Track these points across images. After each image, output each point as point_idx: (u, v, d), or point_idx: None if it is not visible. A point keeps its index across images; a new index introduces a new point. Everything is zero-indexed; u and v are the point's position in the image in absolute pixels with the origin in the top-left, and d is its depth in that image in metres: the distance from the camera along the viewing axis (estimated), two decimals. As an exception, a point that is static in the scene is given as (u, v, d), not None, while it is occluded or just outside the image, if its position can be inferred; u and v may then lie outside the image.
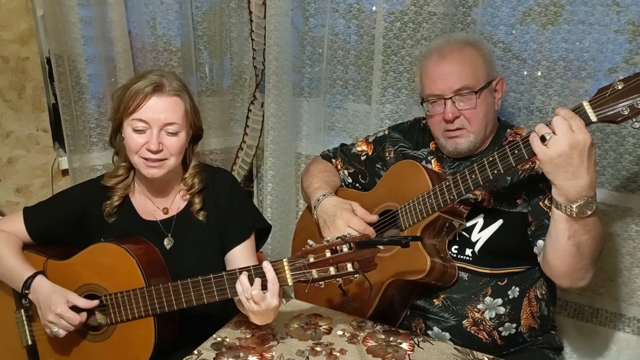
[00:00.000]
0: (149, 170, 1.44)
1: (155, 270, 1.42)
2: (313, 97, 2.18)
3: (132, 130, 1.42)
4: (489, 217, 1.49)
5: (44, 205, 1.59)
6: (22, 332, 1.52)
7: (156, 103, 1.41)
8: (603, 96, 1.14)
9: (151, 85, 1.41)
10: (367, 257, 1.20)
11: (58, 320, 1.37)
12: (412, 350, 1.33)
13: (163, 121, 1.41)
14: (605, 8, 1.56)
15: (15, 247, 1.50)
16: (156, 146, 1.41)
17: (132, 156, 1.45)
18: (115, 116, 1.47)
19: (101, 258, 1.44)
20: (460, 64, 1.47)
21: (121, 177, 1.54)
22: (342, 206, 1.55)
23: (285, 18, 1.99)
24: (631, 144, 1.60)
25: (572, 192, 1.18)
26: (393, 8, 1.82)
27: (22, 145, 2.15)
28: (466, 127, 1.48)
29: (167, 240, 1.53)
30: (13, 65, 2.07)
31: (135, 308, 1.38)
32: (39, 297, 1.42)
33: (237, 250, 1.53)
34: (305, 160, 2.21)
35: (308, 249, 1.24)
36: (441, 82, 1.47)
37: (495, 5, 1.71)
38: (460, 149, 1.51)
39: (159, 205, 1.56)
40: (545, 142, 1.16)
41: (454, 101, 1.46)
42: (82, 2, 2.01)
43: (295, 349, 1.34)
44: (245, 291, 1.26)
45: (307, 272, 1.23)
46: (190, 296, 1.33)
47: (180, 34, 2.20)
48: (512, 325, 1.47)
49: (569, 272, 1.33)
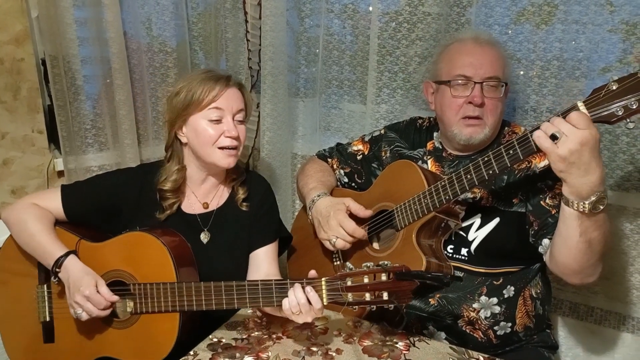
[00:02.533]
0: (227, 160, 1.50)
1: (186, 265, 1.43)
2: (309, 98, 2.18)
3: (207, 122, 1.49)
4: (486, 216, 1.49)
5: (83, 185, 1.61)
6: (42, 307, 1.53)
7: (229, 93, 1.51)
8: (597, 96, 1.14)
9: (222, 78, 1.50)
10: (404, 288, 1.21)
11: (85, 302, 1.38)
12: (407, 349, 1.33)
13: (236, 108, 1.51)
14: (599, 8, 1.56)
15: (48, 224, 1.50)
16: (236, 132, 1.48)
17: (207, 149, 1.49)
18: (182, 115, 1.50)
19: (135, 246, 1.45)
20: (496, 55, 1.50)
21: (179, 182, 1.56)
22: (336, 207, 1.55)
23: (280, 18, 1.99)
24: (625, 143, 1.60)
25: (585, 189, 1.17)
26: (388, 8, 1.83)
27: (18, 147, 2.15)
28: (484, 118, 1.48)
29: (203, 234, 1.56)
30: (8, 67, 2.07)
31: (163, 302, 1.38)
32: (69, 277, 1.42)
33: (261, 252, 1.58)
34: (301, 160, 2.21)
35: (347, 272, 1.26)
36: (477, 65, 1.47)
37: (490, 5, 1.71)
38: (473, 140, 1.49)
39: (201, 199, 1.60)
40: (556, 141, 1.15)
41: (482, 87, 1.46)
42: (77, 3, 2.01)
43: (291, 349, 1.34)
44: (294, 306, 1.27)
45: (344, 294, 1.24)
46: (221, 299, 1.34)
47: (176, 35, 2.21)
48: (508, 324, 1.47)
49: (580, 270, 1.32)
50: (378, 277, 1.22)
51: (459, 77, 1.48)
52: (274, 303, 1.31)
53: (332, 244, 1.53)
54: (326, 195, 1.63)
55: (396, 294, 1.21)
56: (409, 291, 1.22)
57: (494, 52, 1.50)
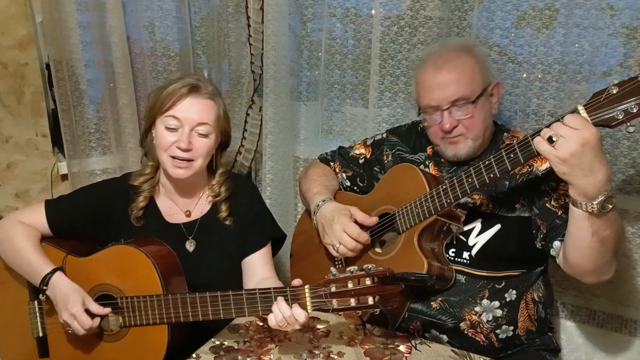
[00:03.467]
0: (175, 170, 1.48)
1: (173, 275, 1.43)
2: (311, 101, 2.19)
3: (164, 128, 1.47)
4: (486, 222, 1.49)
5: (66, 199, 1.61)
6: (34, 323, 1.53)
7: (191, 103, 1.47)
8: (598, 100, 1.14)
9: (187, 86, 1.47)
10: (389, 292, 1.20)
11: (72, 321, 1.38)
12: (409, 352, 1.34)
13: (196, 121, 1.46)
14: (600, 12, 1.56)
15: (34, 241, 1.51)
16: (186, 144, 1.45)
17: (162, 154, 1.48)
18: (149, 114, 1.51)
19: (120, 259, 1.45)
20: (456, 74, 1.46)
21: (148, 176, 1.56)
22: (341, 212, 1.56)
23: (282, 23, 2.00)
24: (626, 147, 1.61)
25: (592, 189, 1.16)
26: (390, 12, 1.83)
27: (21, 151, 2.16)
28: (464, 134, 1.48)
29: (188, 243, 1.56)
30: (12, 71, 2.08)
31: (151, 314, 1.38)
32: (56, 294, 1.42)
33: (255, 257, 1.58)
34: (303, 163, 2.22)
35: (331, 278, 1.24)
36: (437, 94, 1.46)
37: (491, 9, 1.71)
38: (459, 155, 1.51)
39: (182, 207, 1.59)
40: (553, 144, 1.14)
41: (450, 112, 1.46)
42: (80, 8, 2.03)
43: (293, 352, 1.34)
44: (280, 321, 1.26)
45: (328, 301, 1.23)
46: (207, 310, 1.34)
47: (179, 39, 2.22)
48: (510, 328, 1.47)
49: (595, 269, 1.31)
50: (362, 281, 1.20)
51: (427, 108, 1.50)
52: (260, 312, 1.30)
53: (336, 250, 1.53)
54: (331, 200, 1.64)
55: (381, 298, 1.20)
56: (394, 294, 1.20)
57: (456, 68, 1.46)
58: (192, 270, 1.48)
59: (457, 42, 1.61)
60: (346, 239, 1.51)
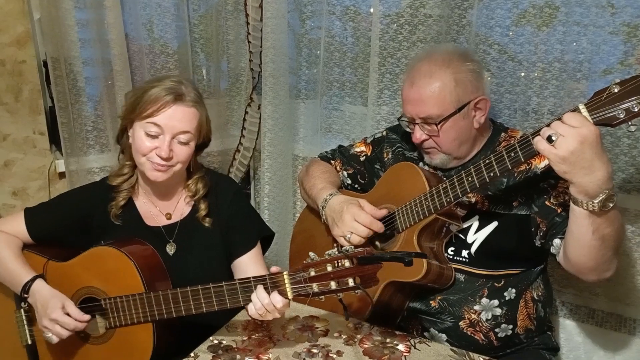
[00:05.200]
0: (153, 173, 1.45)
1: (156, 275, 1.42)
2: (310, 99, 2.18)
3: (144, 133, 1.43)
4: (483, 219, 1.49)
5: (45, 206, 1.60)
6: (22, 331, 1.52)
7: (174, 111, 1.43)
8: (599, 99, 1.13)
9: (172, 94, 1.42)
10: (368, 272, 1.19)
11: (53, 325, 1.38)
12: (408, 351, 1.33)
13: (178, 129, 1.43)
14: (600, 10, 1.56)
15: (15, 250, 1.50)
16: (167, 153, 1.42)
17: (139, 158, 1.46)
18: (128, 116, 1.47)
19: (101, 261, 1.44)
20: (427, 93, 1.45)
21: (126, 176, 1.55)
22: (350, 202, 1.55)
23: (281, 20, 2.00)
24: (626, 145, 1.60)
25: (592, 187, 1.15)
26: (389, 10, 1.83)
27: (19, 148, 2.15)
28: (436, 147, 1.51)
29: (169, 246, 1.54)
30: (10, 69, 2.07)
31: (135, 313, 1.37)
32: (36, 301, 1.42)
33: (245, 259, 1.56)
34: (302, 162, 2.21)
35: (309, 262, 1.23)
36: (410, 108, 1.50)
37: (491, 7, 1.71)
38: (434, 163, 1.55)
39: (162, 210, 1.57)
40: (552, 143, 1.14)
41: (422, 126, 1.49)
42: (78, 5, 2.02)
43: (291, 351, 1.34)
44: (259, 309, 1.26)
45: (308, 286, 1.22)
46: (189, 305, 1.33)
47: (177, 37, 2.21)
48: (509, 327, 1.47)
49: (596, 266, 1.31)
50: (341, 263, 1.20)
51: (404, 116, 1.55)
52: (241, 302, 1.30)
53: (348, 240, 1.51)
54: (338, 193, 1.63)
55: (361, 279, 1.19)
56: (374, 274, 1.20)
57: (427, 87, 1.45)
58: (174, 273, 1.46)
59: (447, 51, 1.53)
60: (358, 227, 1.49)
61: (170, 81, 1.46)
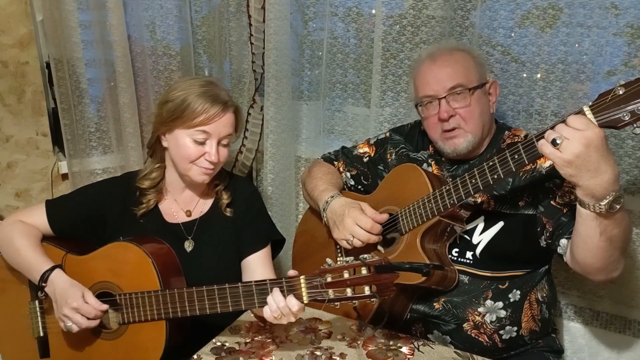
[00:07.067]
0: (201, 177, 1.51)
1: (172, 273, 1.43)
2: (312, 101, 2.18)
3: (190, 140, 1.47)
4: (489, 220, 1.48)
5: (67, 199, 1.62)
6: (35, 323, 1.53)
7: (224, 119, 1.48)
8: (604, 101, 1.12)
9: (219, 102, 1.47)
10: (385, 281, 1.19)
11: (73, 314, 1.38)
12: (412, 354, 1.33)
13: (224, 134, 1.49)
14: (604, 11, 1.56)
15: (34, 240, 1.51)
16: (217, 157, 1.48)
17: (185, 164, 1.49)
18: (168, 124, 1.49)
19: (119, 257, 1.45)
20: (453, 64, 1.49)
21: (157, 179, 1.58)
22: (351, 205, 1.54)
23: (284, 22, 1.99)
24: (630, 147, 1.60)
25: (599, 190, 1.14)
26: (392, 12, 1.82)
27: (22, 150, 2.16)
28: (462, 126, 1.48)
29: (187, 242, 1.56)
30: (12, 70, 2.08)
31: (149, 310, 1.38)
32: (55, 290, 1.42)
33: (254, 258, 1.58)
34: (304, 163, 2.21)
35: (326, 268, 1.23)
36: (435, 83, 1.49)
37: (494, 8, 1.71)
38: (459, 150, 1.50)
39: (183, 207, 1.60)
40: (557, 146, 1.12)
41: (448, 100, 1.47)
42: (81, 7, 2.02)
43: (295, 354, 1.34)
44: (274, 311, 1.26)
45: (324, 292, 1.22)
46: (204, 304, 1.33)
47: (180, 38, 2.21)
48: (513, 329, 1.47)
49: (604, 267, 1.30)
50: (358, 271, 1.20)
51: (424, 97, 1.52)
52: (256, 304, 1.30)
53: (350, 243, 1.51)
54: (339, 195, 1.63)
55: (378, 287, 1.19)
56: (390, 284, 1.19)
57: (452, 62, 1.49)
58: (190, 270, 1.47)
59: (453, 42, 1.67)
60: (359, 231, 1.49)
61: (210, 87, 1.49)
